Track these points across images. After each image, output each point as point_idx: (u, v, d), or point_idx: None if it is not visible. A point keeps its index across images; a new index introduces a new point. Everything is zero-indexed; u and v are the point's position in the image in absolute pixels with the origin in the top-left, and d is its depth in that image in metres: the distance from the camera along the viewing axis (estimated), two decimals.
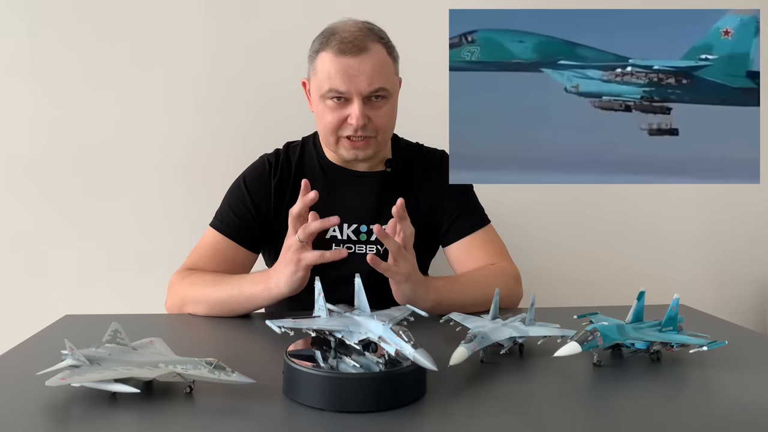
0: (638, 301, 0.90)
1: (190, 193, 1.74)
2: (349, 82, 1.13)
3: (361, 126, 1.15)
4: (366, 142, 1.18)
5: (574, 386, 0.79)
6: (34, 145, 1.70)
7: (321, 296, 0.83)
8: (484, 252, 1.25)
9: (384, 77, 1.15)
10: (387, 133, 1.22)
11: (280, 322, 0.75)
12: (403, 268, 1.02)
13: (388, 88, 1.16)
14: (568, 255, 1.92)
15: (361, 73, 1.13)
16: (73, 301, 1.69)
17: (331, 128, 1.18)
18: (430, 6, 1.75)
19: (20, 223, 1.71)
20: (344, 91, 1.13)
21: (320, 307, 0.83)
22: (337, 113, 1.16)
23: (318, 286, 0.83)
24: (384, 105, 1.17)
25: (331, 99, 1.16)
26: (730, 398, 0.75)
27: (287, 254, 1.03)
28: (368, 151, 1.20)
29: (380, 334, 0.73)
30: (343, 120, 1.16)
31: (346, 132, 1.17)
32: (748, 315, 2.02)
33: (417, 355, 0.68)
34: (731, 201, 1.97)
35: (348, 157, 1.21)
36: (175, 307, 1.15)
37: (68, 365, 0.71)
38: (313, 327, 0.77)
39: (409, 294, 1.04)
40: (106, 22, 1.69)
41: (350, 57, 1.12)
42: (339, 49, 1.13)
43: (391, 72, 1.19)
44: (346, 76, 1.13)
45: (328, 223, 1.00)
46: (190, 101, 1.74)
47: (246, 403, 0.70)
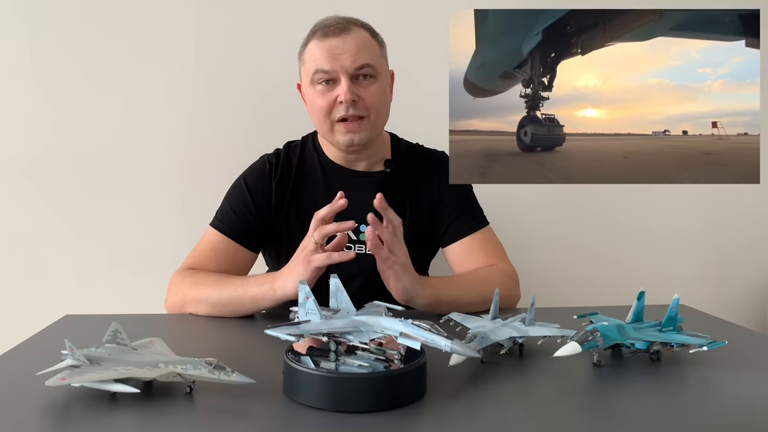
0: (638, 301, 0.90)
1: (190, 193, 1.74)
2: (333, 61, 1.15)
3: (350, 101, 1.15)
4: (359, 123, 1.18)
5: (574, 386, 0.79)
6: (33, 146, 1.70)
7: (311, 299, 0.78)
8: (483, 253, 1.25)
9: (368, 54, 1.18)
10: (379, 114, 1.22)
11: (284, 330, 0.72)
12: (399, 257, 1.02)
13: (374, 65, 1.18)
14: (569, 255, 1.92)
15: (345, 51, 1.15)
16: (73, 301, 1.69)
17: (324, 112, 1.18)
18: (430, 6, 1.75)
19: (20, 223, 1.71)
20: (329, 69, 1.15)
21: (310, 310, 0.78)
22: (327, 96, 1.17)
23: (306, 289, 0.79)
24: (372, 84, 1.19)
25: (320, 83, 1.17)
26: (730, 398, 0.75)
27: (300, 254, 1.04)
28: (363, 134, 1.20)
29: (401, 330, 0.71)
30: (333, 101, 1.17)
31: (338, 113, 1.18)
32: (748, 315, 2.02)
33: (455, 346, 0.69)
34: (731, 200, 1.97)
35: (344, 142, 1.20)
36: (176, 306, 1.15)
37: (68, 365, 0.71)
38: (324, 331, 0.73)
39: (408, 288, 1.04)
40: (105, 23, 1.69)
41: (333, 38, 1.16)
42: (323, 33, 1.17)
43: (377, 52, 1.21)
44: (330, 55, 1.15)
45: (344, 226, 1.01)
46: (189, 101, 1.74)
47: (246, 403, 0.70)
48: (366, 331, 0.74)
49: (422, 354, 0.74)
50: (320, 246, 1.02)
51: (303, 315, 0.78)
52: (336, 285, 0.81)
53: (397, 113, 1.28)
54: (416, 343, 0.71)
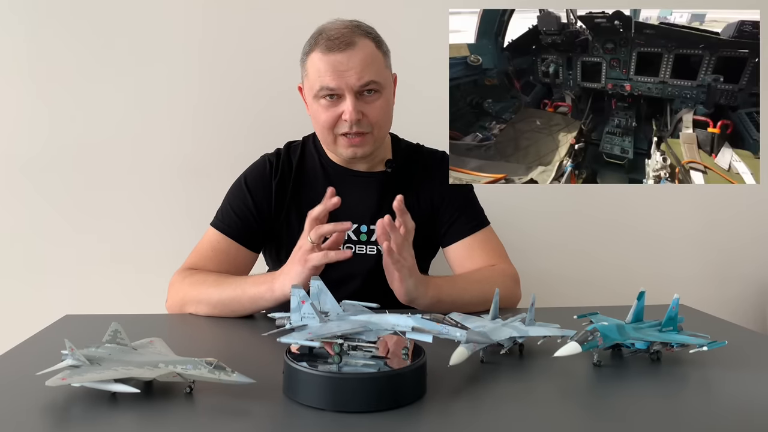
0: (638, 301, 0.90)
1: (190, 191, 1.74)
2: (338, 78, 1.13)
3: (355, 121, 1.15)
4: (362, 138, 1.18)
5: (574, 386, 0.79)
6: (32, 144, 1.70)
7: (307, 303, 0.75)
8: (484, 253, 1.25)
9: (374, 70, 1.15)
10: (383, 128, 1.22)
11: (299, 336, 0.70)
12: (407, 260, 1.03)
13: (379, 81, 1.16)
14: (568, 255, 1.92)
15: (350, 68, 1.13)
16: (73, 300, 1.69)
17: (327, 127, 1.18)
18: (429, 6, 1.75)
19: (19, 222, 1.71)
20: (335, 87, 1.14)
21: (307, 314, 0.75)
22: (331, 111, 1.16)
23: (301, 293, 0.75)
24: (377, 99, 1.17)
25: (324, 98, 1.16)
26: (730, 398, 0.75)
27: (297, 254, 1.04)
28: (366, 148, 1.20)
29: (413, 325, 0.71)
30: (338, 117, 1.16)
31: (342, 129, 1.17)
32: (748, 315, 2.02)
33: (471, 336, 0.71)
34: (731, 200, 1.97)
35: (346, 156, 1.21)
36: (176, 306, 1.15)
37: (68, 365, 0.71)
38: (337, 334, 0.72)
39: (412, 289, 1.04)
40: (105, 21, 1.69)
41: (338, 53, 1.13)
42: (326, 46, 1.13)
43: (381, 65, 1.19)
44: (335, 72, 1.13)
45: (341, 227, 1.01)
46: (190, 99, 1.74)
47: (246, 403, 0.70)
48: (375, 330, 0.73)
49: (422, 354, 0.74)
50: (317, 245, 1.02)
51: (298, 320, 0.75)
52: (318, 287, 0.78)
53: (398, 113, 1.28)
54: (428, 337, 0.70)
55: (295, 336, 0.71)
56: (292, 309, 0.75)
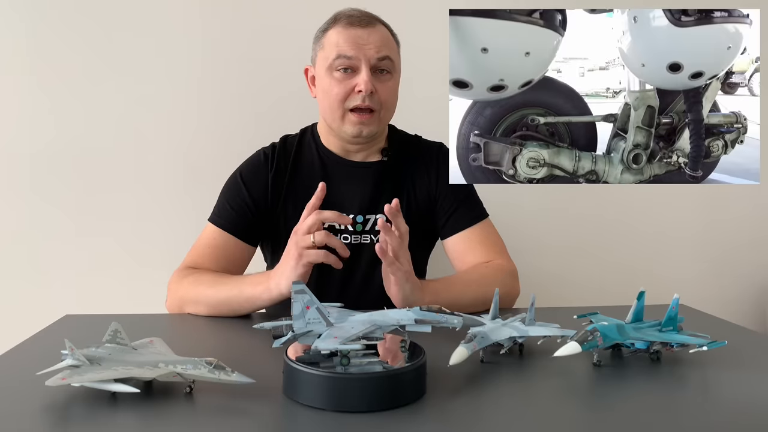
0: (638, 301, 0.90)
1: (192, 191, 1.74)
2: (357, 49, 1.16)
3: (368, 93, 1.16)
4: (371, 116, 1.19)
5: (574, 386, 0.79)
6: (34, 144, 1.70)
7: (312, 308, 0.72)
8: (483, 246, 1.25)
9: (390, 49, 1.20)
10: (389, 110, 1.24)
11: (328, 343, 0.69)
12: (403, 265, 1.02)
13: (393, 60, 1.20)
14: (569, 254, 1.92)
15: (369, 42, 1.17)
16: (73, 300, 1.69)
17: (339, 100, 1.18)
18: (429, 6, 1.75)
19: (19, 222, 1.71)
20: (352, 56, 1.16)
21: (313, 319, 0.72)
22: (345, 84, 1.18)
23: (306, 299, 0.72)
24: (389, 80, 1.21)
25: (339, 70, 1.17)
26: (730, 398, 0.75)
27: (291, 250, 1.04)
28: (371, 127, 1.21)
29: (415, 318, 0.74)
30: (350, 90, 1.18)
31: (353, 102, 1.18)
32: (748, 315, 2.02)
33: (466, 322, 0.78)
34: (731, 200, 1.97)
35: (351, 133, 1.21)
36: (175, 307, 1.15)
37: (68, 365, 0.71)
38: (353, 337, 0.70)
39: (409, 295, 1.03)
40: (105, 19, 1.69)
41: (359, 28, 1.17)
42: (348, 21, 1.18)
43: (396, 49, 1.23)
44: (355, 44, 1.16)
45: (342, 219, 1.03)
46: (190, 98, 1.74)
47: (246, 403, 0.70)
48: (382, 327, 0.74)
49: (422, 354, 0.74)
50: (316, 228, 1.02)
51: (302, 327, 0.72)
52: (302, 289, 0.74)
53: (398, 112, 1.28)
54: (427, 327, 0.73)
55: (322, 342, 0.69)
56: (294, 316, 0.72)
